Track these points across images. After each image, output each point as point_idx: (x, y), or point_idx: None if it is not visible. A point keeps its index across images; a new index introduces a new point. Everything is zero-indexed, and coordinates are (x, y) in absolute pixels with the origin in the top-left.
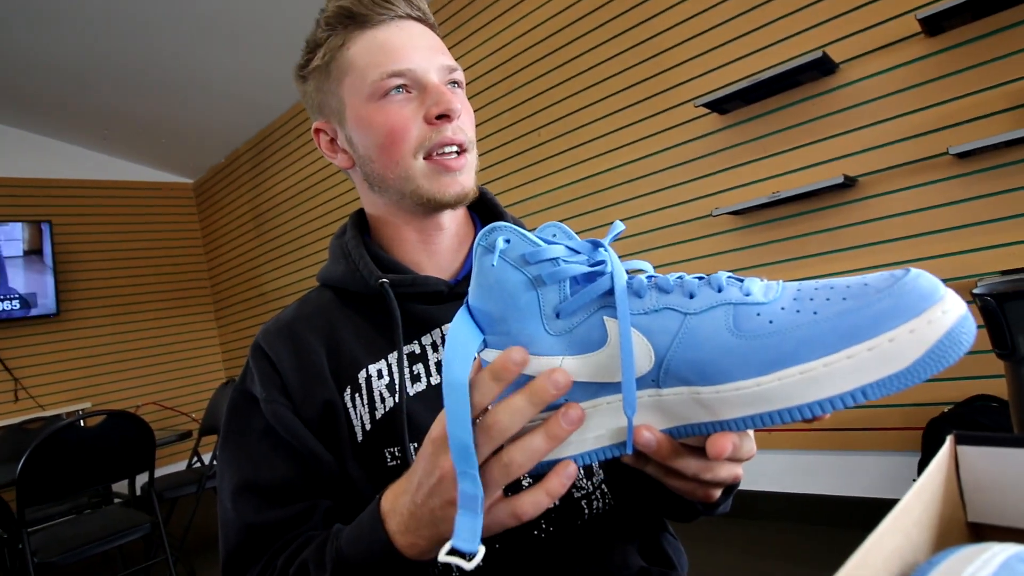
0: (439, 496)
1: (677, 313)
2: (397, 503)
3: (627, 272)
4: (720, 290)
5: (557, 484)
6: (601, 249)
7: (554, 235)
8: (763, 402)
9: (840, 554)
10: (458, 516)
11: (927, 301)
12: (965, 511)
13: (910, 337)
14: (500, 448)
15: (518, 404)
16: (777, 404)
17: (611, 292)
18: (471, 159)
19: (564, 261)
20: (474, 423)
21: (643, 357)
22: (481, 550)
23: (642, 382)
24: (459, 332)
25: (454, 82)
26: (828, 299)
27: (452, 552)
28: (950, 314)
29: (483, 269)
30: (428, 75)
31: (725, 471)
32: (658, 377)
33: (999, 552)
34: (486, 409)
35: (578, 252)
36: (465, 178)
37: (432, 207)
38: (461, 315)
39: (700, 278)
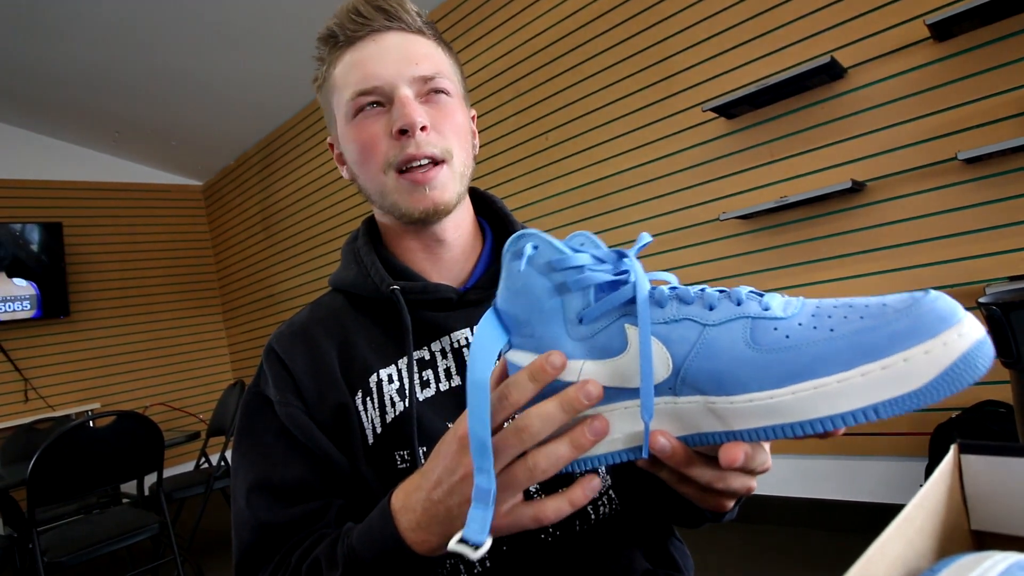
0: (459, 494)
1: (696, 324)
2: (409, 500)
3: (651, 283)
4: (739, 303)
5: (580, 495)
6: (626, 259)
7: (582, 244)
8: (775, 414)
9: (847, 559)
10: (472, 509)
11: (944, 323)
12: (968, 519)
13: (925, 358)
14: (525, 452)
15: (550, 411)
16: (789, 417)
17: (633, 301)
18: (448, 171)
19: (589, 269)
20: (507, 422)
21: (661, 365)
22: (488, 542)
23: (659, 389)
24: (485, 333)
25: (435, 90)
26: (846, 317)
27: (461, 542)
28: (967, 337)
29: (511, 273)
30: (397, 89)
31: (738, 482)
32: (675, 385)
33: (1000, 560)
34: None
35: (603, 261)
36: (438, 192)
37: (407, 222)
38: (488, 316)
39: (721, 291)
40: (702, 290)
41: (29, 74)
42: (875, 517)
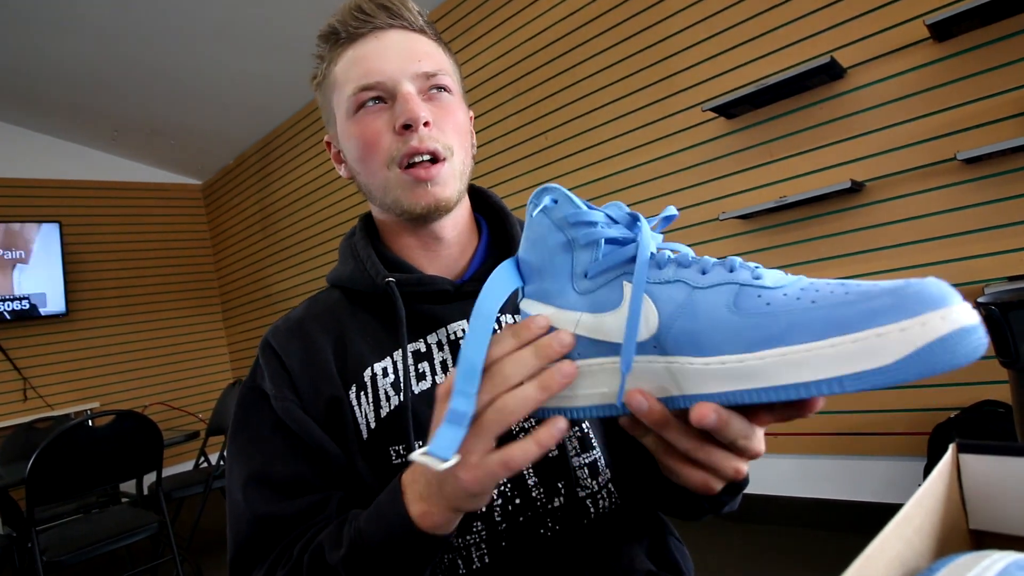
0: None
1: (687, 286)
2: (416, 471)
3: (663, 250)
4: (732, 270)
5: (546, 435)
6: (638, 223)
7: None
8: (743, 378)
9: (846, 559)
10: (440, 427)
11: (928, 305)
12: (967, 519)
13: (899, 336)
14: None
15: (524, 356)
16: (755, 382)
17: (635, 259)
18: (449, 168)
19: (601, 226)
20: (485, 372)
21: (649, 322)
22: (455, 458)
23: (644, 347)
24: (501, 274)
25: (437, 87)
26: (832, 292)
27: (425, 455)
28: (951, 322)
29: (531, 223)
30: (400, 85)
31: (719, 456)
32: (659, 344)
33: (998, 559)
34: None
35: (616, 222)
36: (439, 189)
37: (408, 219)
38: (508, 262)
39: (720, 260)
40: (703, 258)
41: (27, 72)
42: (874, 516)
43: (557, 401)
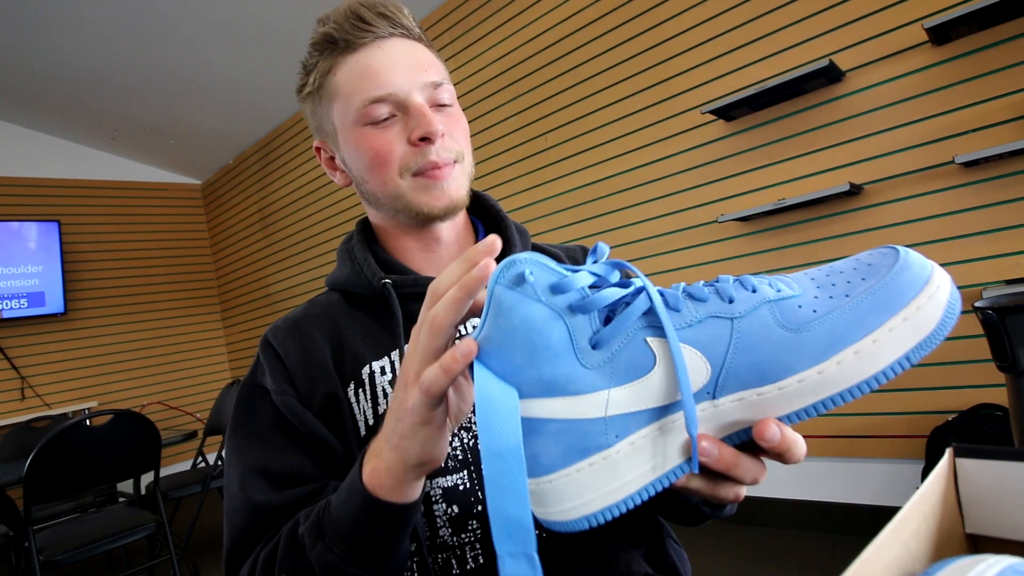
0: (408, 419)
1: (723, 319)
2: (377, 441)
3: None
4: (754, 290)
5: (449, 358)
6: (617, 271)
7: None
8: (825, 388)
9: (844, 561)
10: None
11: (927, 269)
12: (963, 523)
13: (930, 302)
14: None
15: (433, 372)
16: (838, 387)
17: (649, 312)
18: (460, 169)
19: (592, 287)
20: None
21: (699, 370)
22: None
23: (697, 396)
24: (491, 389)
25: (443, 96)
26: (849, 281)
27: None
28: (945, 277)
29: (504, 307)
30: (410, 96)
31: (759, 466)
32: (715, 388)
33: (994, 563)
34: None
35: (602, 276)
36: (453, 189)
37: (423, 220)
38: (479, 369)
39: (714, 282)
40: (714, 284)
41: (27, 71)
42: (871, 519)
43: (605, 500)
